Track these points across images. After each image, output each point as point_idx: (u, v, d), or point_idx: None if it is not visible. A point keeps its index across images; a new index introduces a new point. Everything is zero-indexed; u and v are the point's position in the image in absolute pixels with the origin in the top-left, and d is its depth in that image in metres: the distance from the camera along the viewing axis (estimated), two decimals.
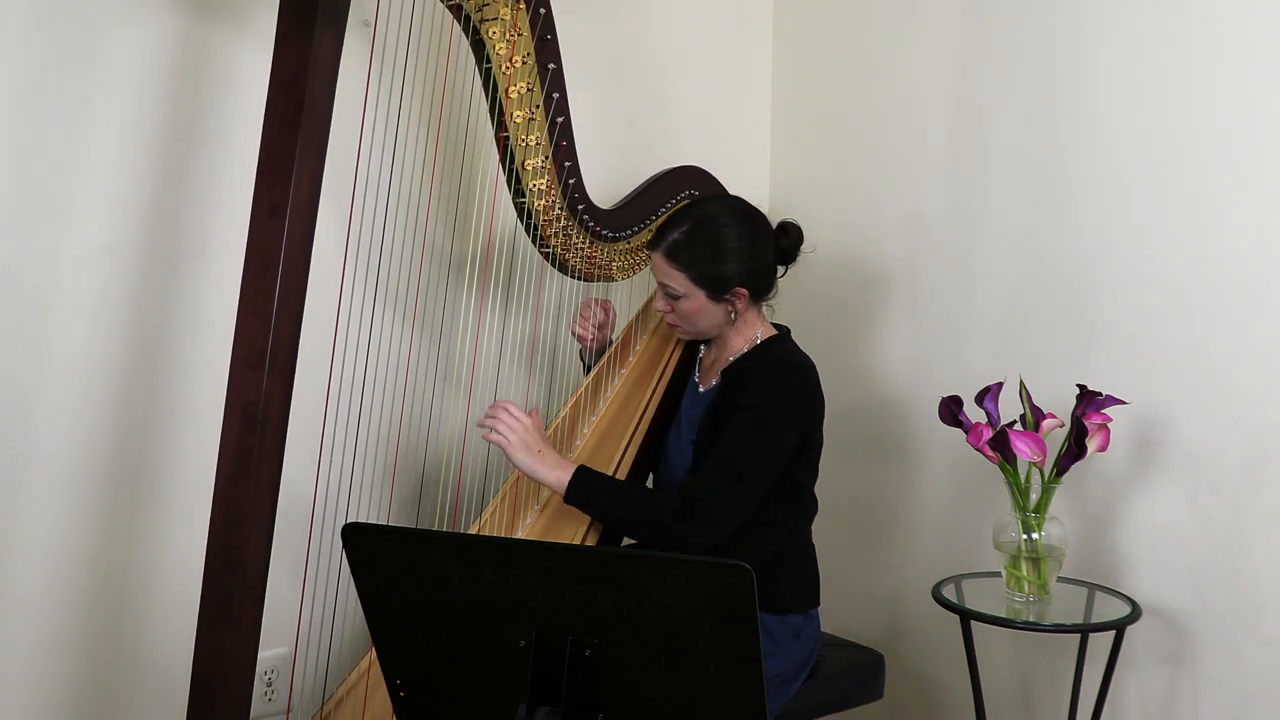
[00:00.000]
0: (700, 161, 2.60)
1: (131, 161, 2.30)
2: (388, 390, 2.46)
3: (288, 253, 1.88)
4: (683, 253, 2.29)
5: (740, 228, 2.31)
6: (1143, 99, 2.48)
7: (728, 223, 2.31)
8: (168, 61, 2.33)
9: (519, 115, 2.20)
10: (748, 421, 2.20)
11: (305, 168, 1.89)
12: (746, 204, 2.37)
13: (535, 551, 1.55)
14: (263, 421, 1.86)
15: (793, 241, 2.39)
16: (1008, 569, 2.38)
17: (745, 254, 2.30)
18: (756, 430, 2.20)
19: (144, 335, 2.34)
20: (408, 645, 1.57)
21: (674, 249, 2.29)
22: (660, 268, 2.32)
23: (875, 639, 2.71)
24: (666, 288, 2.32)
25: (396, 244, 2.48)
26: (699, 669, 1.48)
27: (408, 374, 2.54)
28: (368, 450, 2.44)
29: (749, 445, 2.19)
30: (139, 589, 2.37)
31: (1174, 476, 2.43)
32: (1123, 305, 2.51)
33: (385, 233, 2.41)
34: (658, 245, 2.31)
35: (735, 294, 2.30)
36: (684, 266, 2.29)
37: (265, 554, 1.89)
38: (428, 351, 2.63)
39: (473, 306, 2.66)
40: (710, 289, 2.29)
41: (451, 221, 2.64)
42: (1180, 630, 2.42)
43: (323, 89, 1.90)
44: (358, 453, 2.37)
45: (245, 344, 1.88)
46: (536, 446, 2.20)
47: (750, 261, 2.30)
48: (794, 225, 2.40)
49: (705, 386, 2.41)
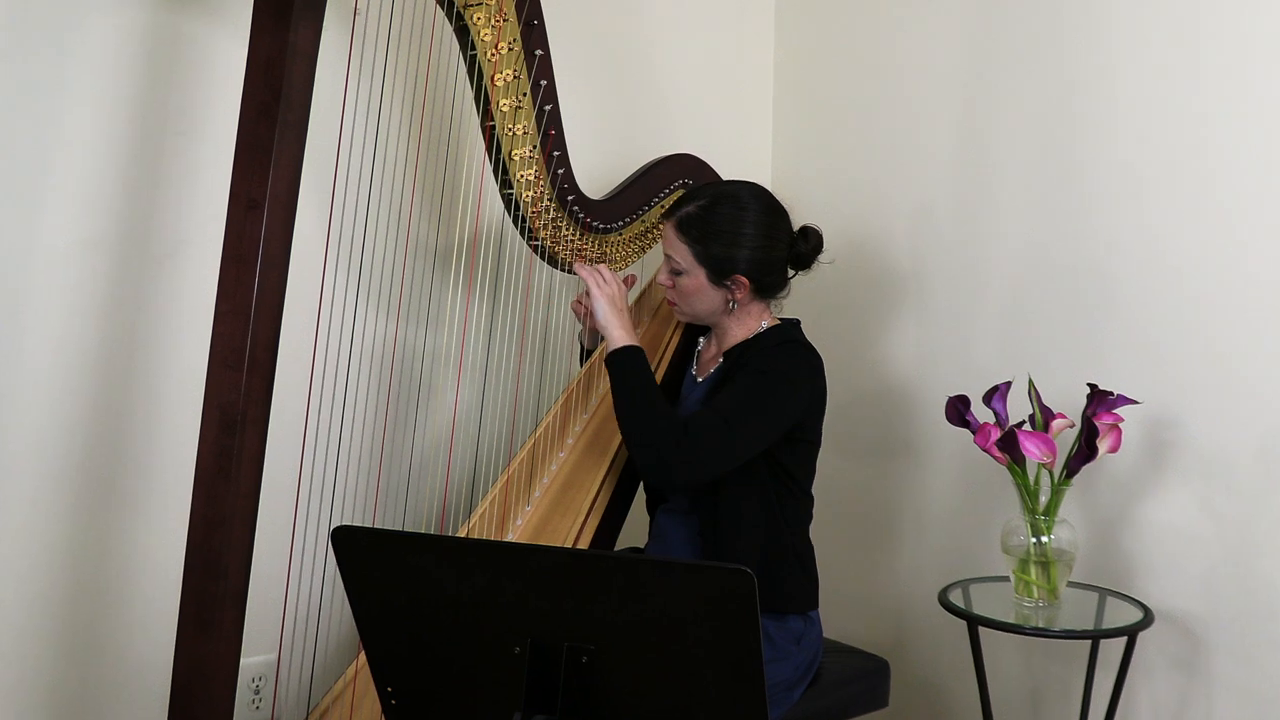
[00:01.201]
0: (698, 153, 2.63)
1: (106, 154, 2.32)
2: (372, 388, 2.49)
3: (266, 247, 1.90)
4: (694, 227, 2.32)
5: (759, 216, 2.34)
6: (1157, 89, 2.50)
7: (747, 207, 2.34)
8: (141, 50, 2.34)
9: (505, 103, 2.23)
10: (749, 383, 2.25)
11: (284, 158, 1.91)
12: (771, 195, 2.40)
13: (531, 555, 1.57)
14: (242, 423, 1.89)
15: (811, 248, 2.40)
16: (1016, 573, 2.41)
17: (756, 243, 2.33)
18: (756, 388, 2.24)
19: (121, 333, 2.36)
20: (399, 651, 1.59)
21: (686, 221, 2.33)
22: (669, 238, 2.35)
23: (880, 645, 2.73)
24: (671, 260, 2.36)
25: (379, 237, 2.50)
26: (699, 676, 1.50)
27: (392, 371, 2.56)
28: (352, 450, 2.46)
29: (748, 400, 2.23)
30: (117, 594, 2.39)
31: (1187, 478, 2.46)
32: (1135, 302, 2.54)
33: (368, 226, 2.43)
34: (672, 214, 2.36)
35: (736, 282, 2.33)
36: (691, 241, 2.32)
37: (247, 557, 1.92)
38: (412, 348, 2.65)
39: (459, 301, 2.68)
40: (712, 270, 2.33)
41: (436, 214, 2.66)
42: (1194, 636, 2.45)
43: (301, 76, 1.93)
44: (341, 452, 2.39)
45: (223, 343, 1.91)
46: (620, 306, 2.35)
47: (759, 252, 2.33)
48: (816, 232, 2.41)
49: (704, 375, 2.44)
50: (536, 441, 2.43)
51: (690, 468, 2.19)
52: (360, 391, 2.43)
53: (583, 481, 2.35)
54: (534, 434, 2.45)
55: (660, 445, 2.19)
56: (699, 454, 2.19)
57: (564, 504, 2.33)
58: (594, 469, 2.36)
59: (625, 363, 2.28)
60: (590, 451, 2.40)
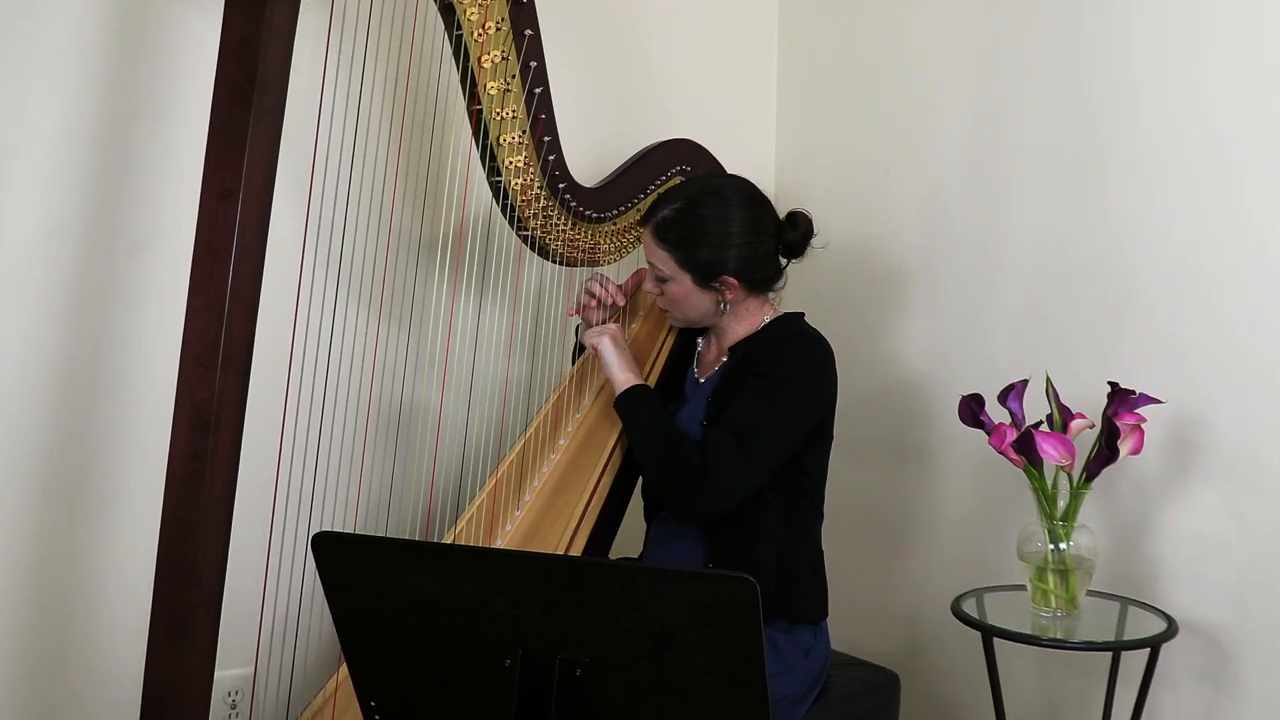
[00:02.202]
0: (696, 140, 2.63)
1: (71, 141, 2.32)
2: (353, 386, 2.48)
3: (241, 238, 1.89)
4: (672, 232, 2.32)
5: (739, 211, 2.34)
6: (1178, 75, 2.50)
7: (725, 204, 2.33)
8: (108, 31, 2.34)
9: (493, 87, 2.22)
10: (761, 391, 2.26)
11: (259, 144, 1.90)
12: (751, 186, 2.40)
13: (522, 562, 1.58)
14: (216, 423, 1.88)
15: (801, 234, 2.40)
16: (1033, 582, 2.41)
17: (740, 240, 2.32)
18: (770, 399, 2.25)
19: (88, 329, 2.36)
20: (383, 663, 1.59)
21: (663, 227, 2.32)
22: (649, 246, 2.35)
23: (890, 657, 2.73)
24: (654, 268, 2.35)
25: (360, 228, 2.50)
26: (698, 690, 1.50)
27: (374, 369, 2.56)
28: (332, 451, 2.45)
29: (761, 414, 2.25)
30: (83, 604, 2.39)
31: (1213, 481, 2.46)
32: (1158, 296, 2.53)
33: (348, 216, 2.43)
34: (648, 221, 2.36)
35: (724, 283, 2.33)
36: (671, 247, 2.32)
37: (221, 565, 1.92)
38: (396, 344, 2.65)
39: (445, 295, 2.68)
40: (697, 274, 2.32)
41: (421, 203, 2.66)
42: (1220, 647, 2.45)
43: (277, 57, 1.92)
44: (321, 454, 2.39)
45: (196, 339, 1.90)
46: (623, 345, 2.40)
47: (745, 249, 2.33)
48: (804, 216, 2.41)
49: (706, 376, 2.44)
50: (527, 443, 2.42)
51: (712, 500, 2.24)
52: (341, 390, 2.43)
53: (576, 484, 2.34)
54: (524, 435, 2.44)
55: (679, 484, 2.25)
56: (719, 485, 2.23)
57: (556, 508, 2.33)
58: (588, 471, 2.35)
59: (633, 404, 2.34)
60: (584, 453, 2.40)
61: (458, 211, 2.66)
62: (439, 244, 2.65)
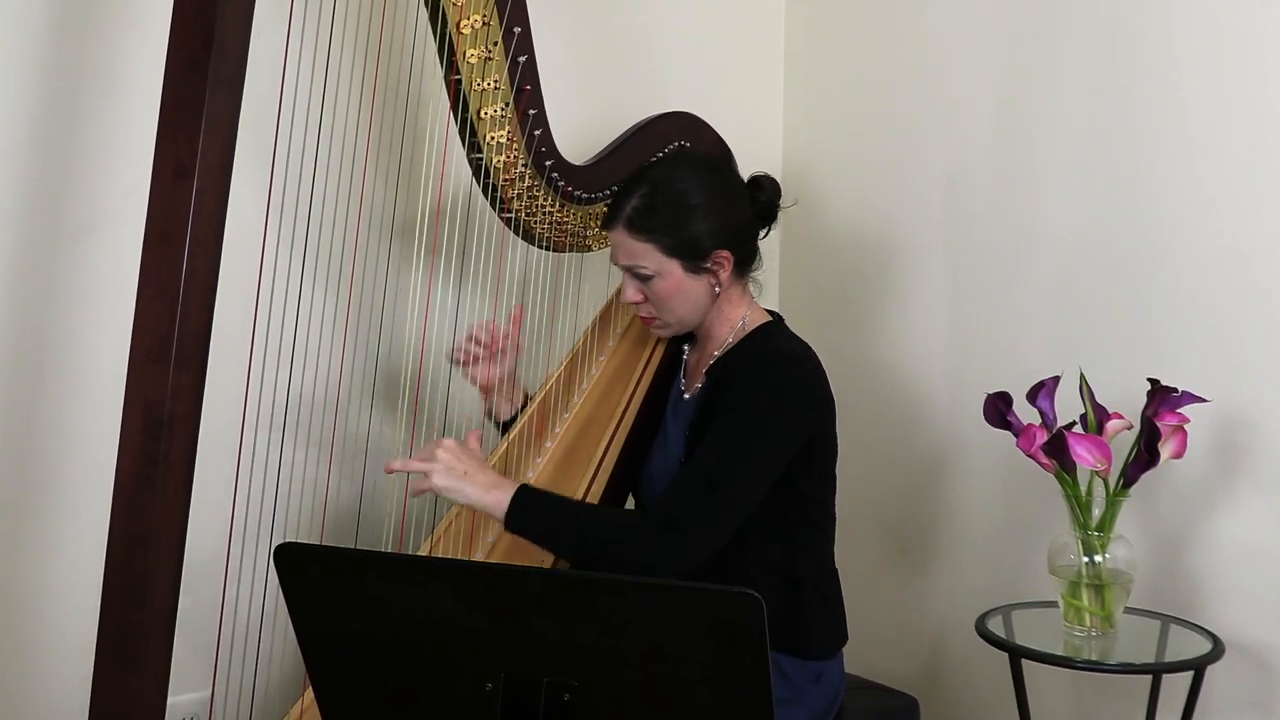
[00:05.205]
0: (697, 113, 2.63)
1: (11, 117, 2.32)
2: (319, 383, 2.48)
3: (196, 222, 1.90)
4: (648, 220, 2.33)
5: (706, 179, 2.36)
6: (1219, 48, 2.50)
7: (689, 176, 2.36)
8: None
9: (473, 55, 2.22)
10: (733, 424, 2.24)
11: (216, 119, 1.91)
12: (702, 155, 2.45)
13: (505, 576, 1.58)
14: (169, 424, 1.89)
15: (769, 196, 2.46)
16: (1065, 598, 2.42)
17: (719, 207, 2.35)
18: (743, 435, 2.24)
19: (29, 320, 2.36)
20: (352, 687, 1.60)
21: (636, 218, 2.33)
22: (623, 246, 2.35)
23: (909, 681, 2.74)
24: (634, 269, 2.36)
25: (328, 210, 2.50)
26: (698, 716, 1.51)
27: (343, 363, 2.56)
28: (296, 454, 2.46)
29: (732, 453, 2.22)
30: (23, 623, 2.39)
31: (1262, 488, 2.46)
32: (1201, 286, 2.54)
33: (314, 196, 2.43)
34: (615, 220, 2.36)
35: (717, 259, 2.34)
36: (651, 236, 2.33)
37: (175, 580, 1.92)
38: (366, 336, 2.65)
39: (420, 282, 2.68)
40: (686, 257, 2.33)
41: (394, 183, 2.66)
42: (1270, 670, 2.46)
43: (236, 24, 1.92)
44: (284, 457, 2.39)
45: (147, 332, 1.90)
46: (462, 469, 2.16)
47: (726, 215, 2.35)
48: (767, 177, 2.48)
49: (691, 392, 2.45)
50: (510, 446, 2.43)
51: (683, 556, 2.15)
52: (306, 387, 2.43)
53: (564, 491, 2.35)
54: (507, 438, 2.45)
55: (632, 556, 2.15)
56: (688, 540, 2.17)
57: None
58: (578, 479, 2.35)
59: (522, 516, 2.16)
60: (572, 458, 2.40)
61: (434, 191, 2.65)
62: (414, 227, 2.65)
